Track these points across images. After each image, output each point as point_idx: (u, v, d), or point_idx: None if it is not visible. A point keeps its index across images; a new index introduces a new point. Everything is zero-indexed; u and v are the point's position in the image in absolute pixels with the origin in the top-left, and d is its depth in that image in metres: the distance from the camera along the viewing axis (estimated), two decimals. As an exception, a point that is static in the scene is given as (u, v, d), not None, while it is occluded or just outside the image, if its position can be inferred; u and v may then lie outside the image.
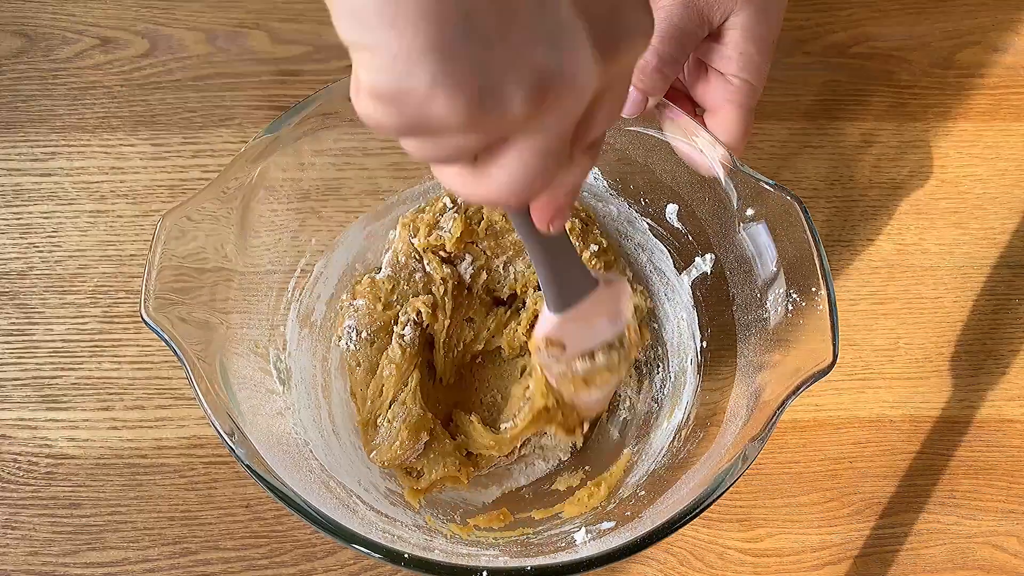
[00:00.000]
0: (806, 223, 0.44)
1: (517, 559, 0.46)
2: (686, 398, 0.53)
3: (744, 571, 0.54)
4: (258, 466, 0.39)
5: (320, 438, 0.50)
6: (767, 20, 0.47)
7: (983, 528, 0.55)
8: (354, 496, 0.47)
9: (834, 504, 0.56)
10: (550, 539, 0.48)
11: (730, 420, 0.46)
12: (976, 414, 0.58)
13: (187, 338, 0.42)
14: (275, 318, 0.51)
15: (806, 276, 0.44)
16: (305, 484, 0.43)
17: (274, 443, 0.44)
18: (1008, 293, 0.61)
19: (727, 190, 0.47)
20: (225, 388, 0.42)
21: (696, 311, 0.54)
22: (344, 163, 0.55)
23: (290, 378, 0.51)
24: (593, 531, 0.47)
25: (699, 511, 0.40)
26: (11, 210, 0.60)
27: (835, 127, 0.65)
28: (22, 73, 0.64)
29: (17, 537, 0.53)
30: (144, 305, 0.42)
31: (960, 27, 0.68)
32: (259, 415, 0.45)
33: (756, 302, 0.48)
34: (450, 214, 0.53)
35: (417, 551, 0.39)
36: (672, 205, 0.53)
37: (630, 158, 0.53)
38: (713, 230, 0.51)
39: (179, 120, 0.63)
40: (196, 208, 0.44)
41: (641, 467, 0.51)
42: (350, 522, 0.39)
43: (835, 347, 0.42)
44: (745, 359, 0.48)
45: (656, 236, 0.56)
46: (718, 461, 0.43)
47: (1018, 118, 0.65)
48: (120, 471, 0.55)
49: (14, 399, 0.56)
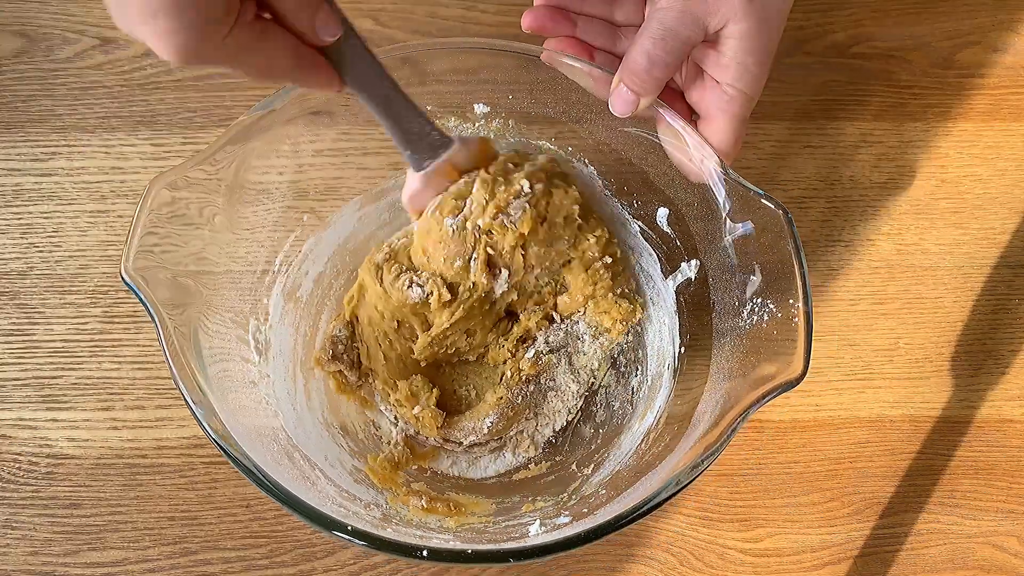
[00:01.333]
0: (791, 235, 0.44)
1: (465, 544, 0.46)
2: (659, 402, 0.53)
3: (744, 571, 0.54)
4: (213, 421, 0.40)
5: (292, 410, 0.51)
6: (767, 32, 0.47)
7: (983, 528, 0.55)
8: (317, 469, 0.48)
9: (834, 504, 0.56)
10: (505, 529, 0.48)
11: (695, 425, 0.46)
12: (976, 414, 0.58)
13: (164, 301, 0.42)
14: (259, 290, 0.52)
15: (785, 287, 0.44)
16: (265, 452, 0.44)
17: (238, 408, 0.45)
18: (1008, 293, 0.61)
19: (716, 197, 0.47)
20: (195, 350, 0.43)
21: (678, 316, 0.54)
22: (343, 153, 0.55)
23: (268, 349, 0.51)
24: (548, 524, 0.47)
25: (639, 515, 0.40)
26: (11, 210, 0.60)
27: (835, 127, 0.65)
28: (22, 73, 0.64)
29: (17, 537, 0.53)
30: (124, 262, 0.42)
31: (960, 27, 0.68)
32: (229, 381, 0.46)
33: (734, 311, 0.48)
34: (521, 202, 0.50)
35: (364, 526, 0.39)
36: (663, 209, 0.53)
37: (626, 159, 0.53)
38: (700, 236, 0.51)
39: (179, 120, 0.63)
40: (186, 174, 0.45)
41: (607, 467, 0.52)
42: (305, 493, 0.40)
43: (807, 360, 0.41)
44: (717, 366, 0.48)
45: (646, 239, 0.56)
46: (674, 465, 0.43)
47: (1018, 118, 0.65)
48: (120, 471, 0.55)
49: (14, 399, 0.56)
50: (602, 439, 0.55)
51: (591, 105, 0.51)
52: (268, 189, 0.51)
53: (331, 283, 0.56)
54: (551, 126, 0.55)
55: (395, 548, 0.38)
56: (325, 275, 0.56)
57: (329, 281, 0.56)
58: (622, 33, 0.53)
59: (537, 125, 0.55)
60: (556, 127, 0.55)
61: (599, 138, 0.54)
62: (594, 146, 0.54)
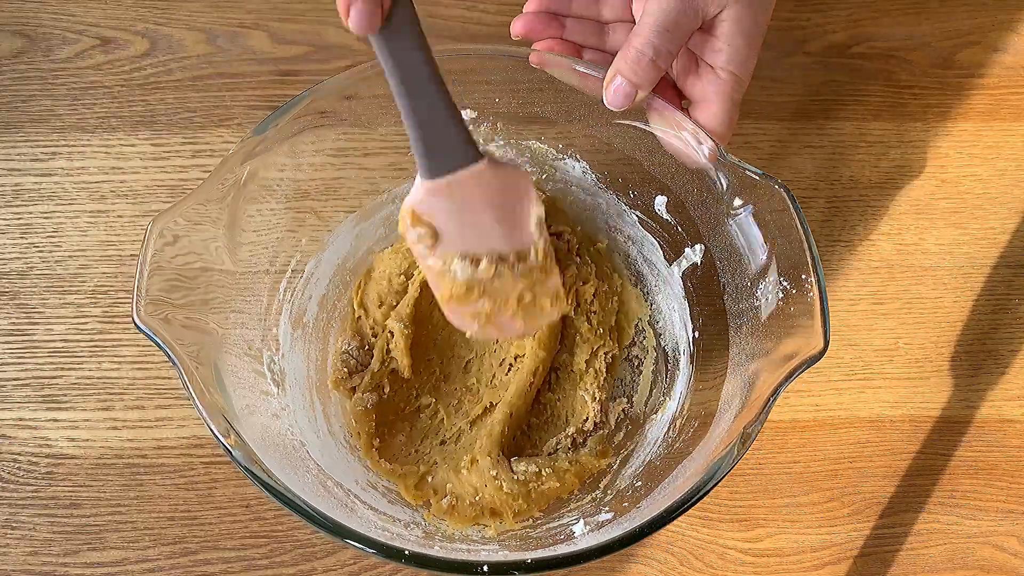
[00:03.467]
0: (794, 211, 0.44)
1: (517, 552, 0.46)
2: (679, 389, 0.53)
3: (744, 571, 0.54)
4: (255, 467, 0.39)
5: (316, 439, 0.50)
6: (757, 14, 0.48)
7: (983, 528, 0.55)
8: (352, 495, 0.47)
9: (834, 504, 0.56)
10: (548, 532, 0.48)
11: (724, 409, 0.46)
12: (976, 414, 0.58)
13: (180, 340, 0.42)
14: (268, 320, 0.51)
15: (796, 264, 0.44)
16: (303, 484, 0.43)
17: (270, 444, 0.44)
18: (1008, 293, 0.61)
19: (715, 180, 0.47)
20: (220, 390, 0.42)
21: (687, 302, 0.54)
22: (343, 163, 0.55)
23: (284, 380, 0.51)
24: (591, 523, 0.47)
25: (696, 499, 0.40)
26: (11, 210, 0.60)
27: (835, 127, 0.65)
28: (22, 73, 0.64)
29: (17, 537, 0.53)
30: (136, 309, 0.42)
31: (960, 27, 0.68)
32: (255, 416, 0.45)
33: (747, 291, 0.48)
34: None
35: (417, 548, 0.39)
36: (661, 196, 0.53)
37: (618, 151, 0.53)
38: (702, 221, 0.51)
39: (179, 120, 0.63)
40: (186, 211, 0.44)
41: (637, 458, 0.52)
42: (349, 520, 0.39)
43: (826, 333, 0.42)
44: (737, 348, 0.48)
45: (646, 228, 0.56)
46: (713, 449, 0.43)
47: (1018, 118, 0.65)
48: (120, 471, 0.55)
49: (14, 399, 0.56)
50: (625, 433, 0.55)
51: (580, 102, 0.51)
52: (264, 212, 0.50)
53: (335, 304, 0.56)
54: (546, 126, 0.55)
55: (454, 567, 0.38)
56: (328, 297, 0.56)
57: (333, 303, 0.56)
58: (610, 29, 0.53)
59: (527, 126, 0.55)
60: (547, 127, 0.55)
61: (590, 133, 0.54)
62: (585, 142, 0.54)
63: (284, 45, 0.66)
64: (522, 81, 0.52)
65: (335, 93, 0.48)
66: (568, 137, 0.55)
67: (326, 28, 0.66)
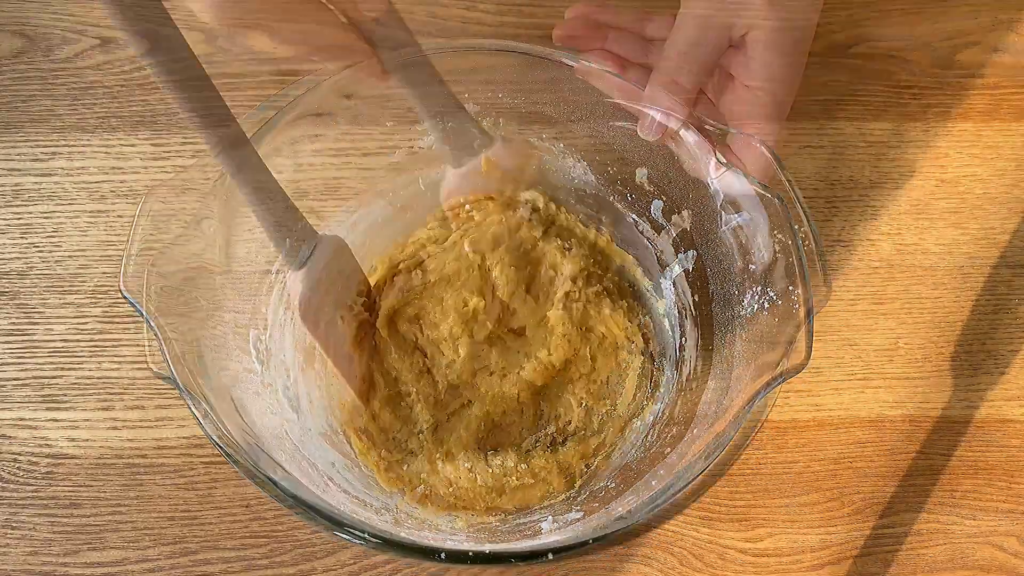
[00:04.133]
0: (787, 222, 0.44)
1: (479, 543, 0.46)
2: (662, 393, 0.53)
3: (744, 571, 0.54)
4: (226, 444, 0.39)
5: (295, 417, 0.51)
6: (792, 31, 0.47)
7: (983, 528, 0.55)
8: (325, 477, 0.47)
9: (834, 504, 0.56)
10: (517, 527, 0.48)
11: (702, 415, 0.46)
12: (976, 414, 0.58)
13: (165, 313, 0.42)
14: (257, 298, 0.51)
15: (784, 275, 0.44)
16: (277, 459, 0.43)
17: (249, 422, 0.44)
18: (1008, 293, 0.61)
19: (711, 187, 0.47)
20: (199, 364, 0.42)
21: (676, 308, 0.54)
22: (342, 163, 0.55)
23: (269, 358, 0.51)
24: (560, 520, 0.47)
25: (659, 504, 0.39)
26: (11, 210, 0.60)
27: (835, 127, 0.65)
28: (22, 73, 0.64)
29: (17, 537, 0.53)
30: (123, 278, 0.42)
31: (960, 27, 0.68)
32: (235, 390, 0.45)
33: (734, 299, 0.48)
34: None
35: (379, 528, 0.39)
36: (657, 201, 0.53)
37: (619, 153, 0.53)
38: (696, 228, 0.51)
39: (179, 120, 0.63)
40: (183, 185, 0.44)
41: (614, 460, 0.52)
42: (319, 501, 0.39)
43: (808, 346, 0.41)
44: (720, 355, 0.49)
45: (641, 232, 0.56)
46: (685, 456, 0.43)
47: (1018, 118, 0.65)
48: (120, 471, 0.55)
49: (14, 399, 0.56)
50: (605, 435, 0.54)
51: (585, 103, 0.51)
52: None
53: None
54: (547, 125, 0.55)
55: (413, 551, 0.38)
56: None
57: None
58: (654, 47, 0.53)
59: (531, 124, 0.55)
60: (549, 126, 0.55)
61: (592, 133, 0.54)
62: (587, 142, 0.54)
63: (284, 45, 0.66)
64: (524, 81, 0.52)
65: (334, 93, 0.48)
66: (570, 136, 0.55)
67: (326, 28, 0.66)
